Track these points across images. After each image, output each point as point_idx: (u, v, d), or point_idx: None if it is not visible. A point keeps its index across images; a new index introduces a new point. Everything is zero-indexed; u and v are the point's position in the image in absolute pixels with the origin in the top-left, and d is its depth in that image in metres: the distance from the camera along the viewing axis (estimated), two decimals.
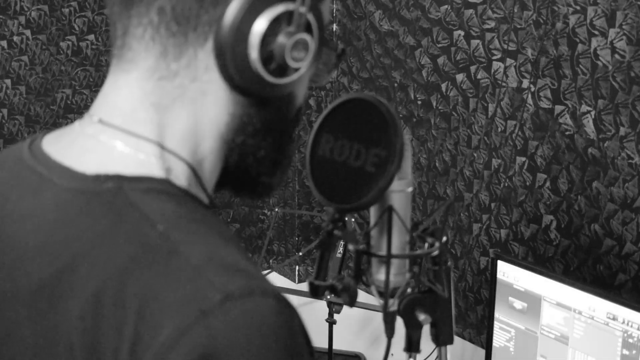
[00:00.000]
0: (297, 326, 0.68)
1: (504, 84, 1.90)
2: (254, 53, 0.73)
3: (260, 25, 0.73)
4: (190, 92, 0.75)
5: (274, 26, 0.73)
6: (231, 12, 0.72)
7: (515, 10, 1.84)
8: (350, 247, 1.13)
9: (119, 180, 0.72)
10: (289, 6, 0.74)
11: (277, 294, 0.67)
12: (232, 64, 0.73)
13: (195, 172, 0.76)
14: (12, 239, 0.75)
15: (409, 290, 1.15)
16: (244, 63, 0.73)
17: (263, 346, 0.65)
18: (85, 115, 0.79)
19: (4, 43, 2.20)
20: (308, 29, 0.76)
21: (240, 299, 0.65)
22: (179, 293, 0.65)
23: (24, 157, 0.79)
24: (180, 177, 0.75)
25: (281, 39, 0.74)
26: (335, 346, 2.00)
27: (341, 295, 1.10)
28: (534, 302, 1.67)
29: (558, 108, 1.80)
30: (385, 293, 1.10)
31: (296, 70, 0.76)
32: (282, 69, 0.75)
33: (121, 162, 0.74)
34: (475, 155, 2.00)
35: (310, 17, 0.76)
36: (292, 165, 2.52)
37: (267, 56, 0.74)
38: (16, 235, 0.75)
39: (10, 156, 0.83)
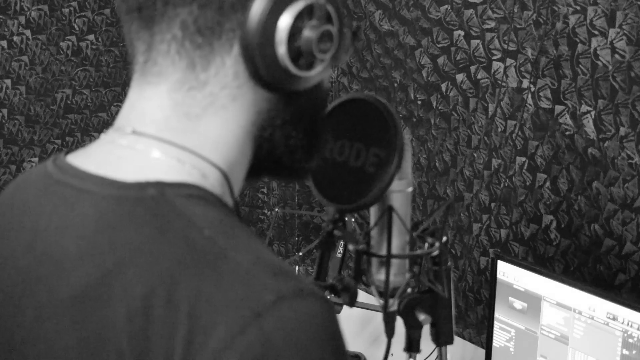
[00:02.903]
0: (339, 328, 0.70)
1: (504, 84, 1.90)
2: (282, 52, 0.74)
3: (284, 23, 0.74)
4: (221, 99, 0.76)
5: (298, 22, 0.75)
6: (254, 15, 0.73)
7: (515, 10, 1.84)
8: (350, 247, 1.13)
9: (161, 186, 0.73)
10: (308, 0, 0.75)
11: (324, 297, 0.69)
12: (262, 65, 0.74)
13: (227, 178, 0.77)
14: (49, 252, 0.75)
15: (409, 290, 1.15)
16: (274, 63, 0.75)
17: (315, 345, 0.66)
18: (110, 128, 0.80)
19: (4, 43, 2.20)
20: (329, 18, 0.77)
21: (292, 300, 0.66)
22: (231, 295, 0.66)
23: (50, 173, 0.79)
24: (215, 183, 0.76)
25: (307, 33, 0.75)
26: None
27: (341, 295, 1.10)
28: (534, 302, 1.67)
29: (558, 108, 1.80)
30: (385, 293, 1.10)
31: (322, 60, 0.77)
32: (311, 62, 0.77)
33: (159, 169, 0.74)
34: (475, 155, 2.00)
35: (330, 7, 0.77)
36: None
37: (295, 52, 0.75)
38: (54, 247, 0.75)
39: (34, 175, 0.84)
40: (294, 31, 0.74)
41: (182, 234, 0.70)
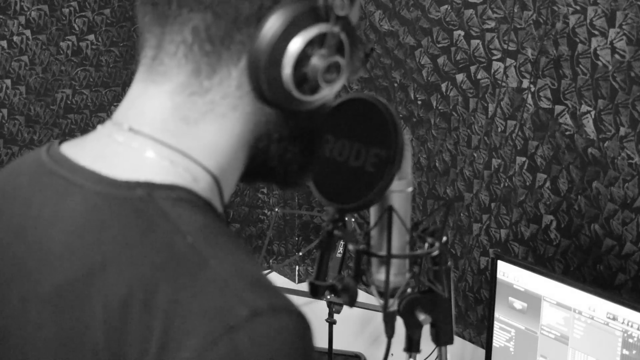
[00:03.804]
0: (312, 343, 0.70)
1: (504, 84, 1.90)
2: (287, 74, 0.74)
3: (294, 47, 0.74)
4: (221, 108, 0.76)
5: (308, 49, 0.74)
6: (266, 34, 0.73)
7: (515, 10, 1.84)
8: (350, 247, 1.13)
9: (150, 187, 0.73)
10: (322, 28, 0.74)
11: (299, 312, 0.69)
12: (265, 84, 0.74)
13: (218, 183, 0.77)
14: (37, 242, 0.76)
15: (409, 290, 1.15)
16: (278, 84, 0.74)
17: None
18: (107, 121, 0.80)
19: (4, 43, 2.20)
20: (340, 49, 0.76)
21: (267, 316, 0.66)
22: (207, 305, 0.66)
23: (43, 162, 0.79)
24: (205, 188, 0.76)
25: (315, 61, 0.75)
26: (335, 346, 2.00)
27: (341, 295, 1.10)
28: (534, 302, 1.67)
29: (558, 108, 1.80)
30: (385, 293, 1.10)
31: (327, 88, 0.77)
32: (314, 88, 0.76)
33: (152, 170, 0.74)
34: (475, 155, 2.00)
35: (343, 37, 0.76)
36: None
37: (300, 77, 0.75)
38: (41, 239, 0.76)
39: (27, 162, 0.84)
40: (302, 57, 0.74)
41: (165, 238, 0.70)
